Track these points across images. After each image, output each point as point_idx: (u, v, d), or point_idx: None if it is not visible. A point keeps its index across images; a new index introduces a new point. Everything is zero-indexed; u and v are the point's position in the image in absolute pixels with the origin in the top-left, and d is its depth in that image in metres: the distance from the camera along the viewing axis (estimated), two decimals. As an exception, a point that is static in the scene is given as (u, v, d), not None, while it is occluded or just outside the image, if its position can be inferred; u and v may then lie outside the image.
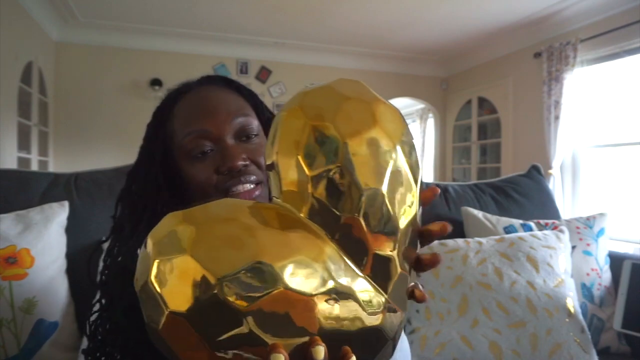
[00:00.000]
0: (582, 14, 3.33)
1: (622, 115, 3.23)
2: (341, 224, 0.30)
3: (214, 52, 4.32)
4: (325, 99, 0.33)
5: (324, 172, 0.30)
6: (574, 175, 3.58)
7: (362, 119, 0.32)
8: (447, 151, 5.18)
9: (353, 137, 0.31)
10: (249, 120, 0.57)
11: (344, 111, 0.32)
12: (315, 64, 4.67)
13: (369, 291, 0.31)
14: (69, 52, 3.90)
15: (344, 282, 0.29)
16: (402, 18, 3.72)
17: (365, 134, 0.31)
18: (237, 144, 0.55)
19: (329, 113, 0.31)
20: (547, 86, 3.53)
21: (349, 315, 0.29)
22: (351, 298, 0.30)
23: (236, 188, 0.53)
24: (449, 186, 1.45)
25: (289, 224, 0.30)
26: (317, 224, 0.31)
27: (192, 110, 0.56)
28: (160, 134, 0.58)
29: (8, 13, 2.85)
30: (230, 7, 3.50)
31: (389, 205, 0.31)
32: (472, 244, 1.14)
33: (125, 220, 0.56)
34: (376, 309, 0.31)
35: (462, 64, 4.84)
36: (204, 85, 0.60)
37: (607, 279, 1.23)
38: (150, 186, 0.56)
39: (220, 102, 0.57)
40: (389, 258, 0.32)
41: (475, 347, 1.00)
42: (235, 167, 0.53)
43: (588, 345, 1.00)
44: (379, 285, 0.31)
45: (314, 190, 0.30)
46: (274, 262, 0.27)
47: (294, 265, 0.28)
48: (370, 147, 0.31)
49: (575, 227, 1.26)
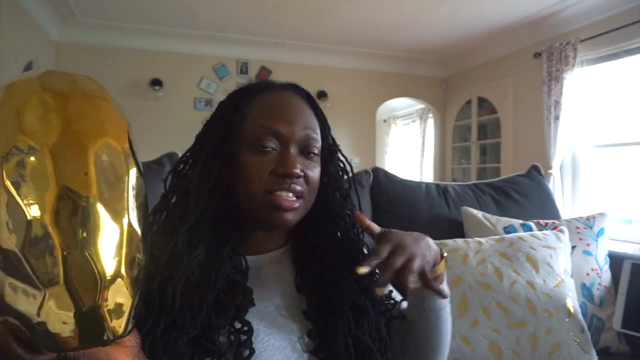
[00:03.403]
0: (582, 14, 3.33)
1: (622, 115, 3.23)
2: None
3: (214, 52, 4.32)
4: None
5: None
6: (573, 175, 3.58)
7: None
8: (447, 151, 5.18)
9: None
10: (316, 139, 0.60)
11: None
12: (315, 64, 4.67)
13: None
14: (69, 52, 3.89)
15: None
16: (402, 18, 3.72)
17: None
18: (297, 155, 0.58)
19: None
20: (547, 86, 3.53)
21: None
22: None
23: (281, 193, 0.55)
24: (448, 186, 1.45)
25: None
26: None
27: (272, 107, 0.59)
28: (232, 119, 0.59)
29: (8, 13, 2.85)
30: (230, 7, 3.50)
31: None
32: (471, 244, 1.14)
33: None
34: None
35: (462, 64, 4.84)
36: (288, 90, 0.62)
37: (607, 279, 1.23)
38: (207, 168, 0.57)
39: (299, 113, 0.59)
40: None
41: (475, 347, 1.00)
42: (291, 174, 0.55)
43: (588, 345, 1.00)
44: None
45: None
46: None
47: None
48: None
49: (575, 227, 1.26)
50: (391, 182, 1.37)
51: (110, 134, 0.34)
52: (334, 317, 0.58)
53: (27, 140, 0.31)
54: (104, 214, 0.33)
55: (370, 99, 4.97)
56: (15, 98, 0.32)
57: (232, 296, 0.54)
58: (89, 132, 0.33)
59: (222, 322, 0.52)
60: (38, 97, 0.32)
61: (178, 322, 0.49)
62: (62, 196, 0.31)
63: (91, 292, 0.32)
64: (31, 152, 0.31)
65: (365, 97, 4.92)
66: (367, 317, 0.60)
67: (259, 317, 0.56)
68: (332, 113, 4.63)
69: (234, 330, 0.53)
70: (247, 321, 0.54)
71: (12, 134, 0.31)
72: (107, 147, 0.33)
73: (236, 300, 0.54)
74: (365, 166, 1.83)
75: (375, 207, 1.34)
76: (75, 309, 0.32)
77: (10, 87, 0.33)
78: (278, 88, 0.62)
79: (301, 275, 0.63)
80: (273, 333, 0.56)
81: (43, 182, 0.31)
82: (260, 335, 0.55)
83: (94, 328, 0.33)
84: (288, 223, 0.57)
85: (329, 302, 0.60)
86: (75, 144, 0.32)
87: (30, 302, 0.32)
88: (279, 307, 0.59)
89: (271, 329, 0.56)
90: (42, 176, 0.31)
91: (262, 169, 0.55)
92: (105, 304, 0.33)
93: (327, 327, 0.58)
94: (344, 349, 0.56)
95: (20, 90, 0.33)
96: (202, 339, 0.51)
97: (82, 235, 0.32)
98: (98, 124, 0.34)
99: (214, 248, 0.56)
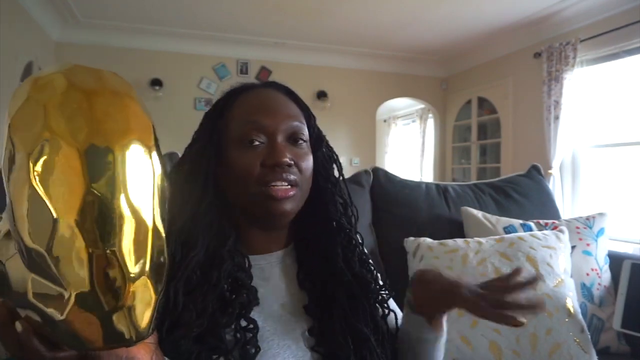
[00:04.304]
0: (582, 14, 3.33)
1: (622, 115, 3.23)
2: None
3: (214, 52, 4.32)
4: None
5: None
6: (573, 175, 3.58)
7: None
8: (447, 151, 5.18)
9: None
10: (301, 127, 0.61)
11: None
12: (315, 64, 4.67)
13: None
14: (69, 52, 3.89)
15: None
16: (402, 18, 3.72)
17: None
18: (286, 144, 0.59)
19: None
20: (547, 86, 3.53)
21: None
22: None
23: (275, 183, 0.56)
24: (448, 186, 1.45)
25: None
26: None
27: (253, 105, 0.61)
28: (217, 123, 0.61)
29: (8, 13, 2.85)
30: (230, 7, 3.50)
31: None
32: (471, 244, 1.14)
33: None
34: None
35: (462, 64, 4.84)
36: (268, 88, 0.64)
37: (607, 278, 1.23)
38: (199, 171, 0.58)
39: (281, 105, 0.61)
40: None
41: (475, 347, 1.00)
42: (281, 163, 0.56)
43: (588, 345, 1.00)
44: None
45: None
46: None
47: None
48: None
49: (575, 227, 1.26)
50: (391, 182, 1.37)
51: (137, 133, 0.34)
52: (331, 308, 0.59)
53: (55, 138, 0.30)
54: (131, 214, 0.32)
55: (370, 99, 4.97)
56: (41, 94, 0.32)
57: (237, 295, 0.55)
58: (116, 131, 0.32)
59: (228, 320, 0.53)
60: (65, 94, 0.32)
61: (182, 321, 0.50)
62: (89, 195, 0.30)
63: (116, 292, 0.32)
64: (58, 150, 0.30)
65: (365, 97, 4.92)
66: (361, 306, 0.61)
67: (263, 316, 0.56)
68: (332, 113, 4.64)
69: (239, 328, 0.53)
70: (253, 319, 0.54)
71: (39, 131, 0.31)
72: (134, 147, 0.33)
73: (241, 299, 0.55)
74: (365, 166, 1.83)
75: (375, 207, 1.34)
76: (101, 309, 0.32)
77: (37, 82, 0.33)
78: (257, 87, 0.65)
79: (303, 271, 0.63)
80: (277, 332, 0.56)
81: (70, 180, 0.30)
82: (265, 334, 0.55)
83: (118, 328, 0.33)
84: (286, 213, 0.58)
85: (328, 294, 0.60)
86: (102, 142, 0.31)
87: (54, 300, 0.32)
88: (284, 305, 0.59)
89: (275, 327, 0.57)
90: (69, 175, 0.30)
91: (252, 163, 0.56)
92: (130, 304, 0.33)
93: (325, 320, 0.58)
94: (342, 338, 0.56)
95: (47, 86, 0.32)
96: (208, 337, 0.51)
97: (108, 235, 0.31)
98: (125, 122, 0.33)
99: (214, 248, 0.56)
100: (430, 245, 1.17)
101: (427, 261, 1.14)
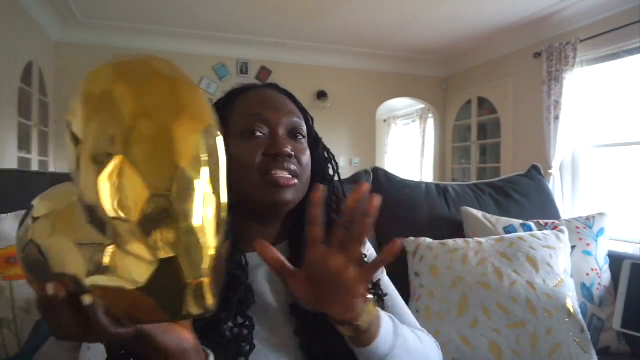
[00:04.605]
0: (582, 14, 3.33)
1: (622, 115, 3.23)
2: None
3: (214, 52, 4.32)
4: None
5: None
6: (573, 175, 3.59)
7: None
8: (447, 151, 5.18)
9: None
10: (301, 123, 0.63)
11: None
12: (315, 64, 4.68)
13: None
14: (69, 52, 3.90)
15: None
16: (402, 18, 3.72)
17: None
18: (286, 137, 0.61)
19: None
20: (547, 86, 3.53)
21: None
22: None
23: (276, 172, 0.57)
24: (448, 186, 1.45)
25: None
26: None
27: (255, 101, 0.62)
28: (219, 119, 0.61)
29: (8, 13, 2.85)
30: (230, 7, 3.50)
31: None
32: (471, 244, 1.14)
33: None
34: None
35: (462, 64, 4.84)
36: (268, 88, 0.67)
37: (607, 278, 1.23)
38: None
39: (282, 102, 0.64)
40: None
41: (474, 347, 1.00)
42: (283, 153, 0.57)
43: (588, 345, 1.00)
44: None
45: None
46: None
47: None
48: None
49: (575, 227, 1.26)
50: (391, 182, 1.37)
51: (208, 119, 0.37)
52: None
53: (145, 120, 0.33)
54: (211, 192, 0.35)
55: (370, 99, 4.97)
56: (127, 76, 0.35)
57: (234, 292, 0.55)
58: (196, 117, 0.35)
59: (226, 316, 0.53)
60: (149, 80, 0.35)
61: None
62: (177, 174, 0.33)
63: (199, 266, 0.34)
64: (151, 131, 0.33)
65: (365, 97, 4.93)
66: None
67: (257, 315, 0.56)
68: (332, 113, 4.64)
69: (236, 324, 0.53)
70: (249, 316, 0.55)
71: (132, 111, 0.33)
72: (208, 131, 0.36)
73: (238, 296, 0.55)
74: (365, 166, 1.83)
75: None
76: (183, 282, 0.34)
77: (120, 67, 0.36)
78: (258, 87, 0.67)
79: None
80: (270, 331, 0.57)
81: (162, 159, 0.33)
82: (259, 333, 0.55)
83: (196, 301, 0.35)
84: (287, 202, 0.58)
85: None
86: (188, 124, 0.34)
87: (141, 268, 0.33)
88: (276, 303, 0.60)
89: (268, 327, 0.57)
90: (161, 155, 0.33)
91: (254, 152, 0.58)
92: (207, 276, 0.35)
93: (314, 320, 0.57)
94: (330, 338, 0.54)
95: (134, 70, 0.36)
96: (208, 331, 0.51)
97: (193, 212, 0.34)
98: (200, 108, 0.36)
99: None
100: (430, 245, 1.17)
101: (427, 261, 1.14)
